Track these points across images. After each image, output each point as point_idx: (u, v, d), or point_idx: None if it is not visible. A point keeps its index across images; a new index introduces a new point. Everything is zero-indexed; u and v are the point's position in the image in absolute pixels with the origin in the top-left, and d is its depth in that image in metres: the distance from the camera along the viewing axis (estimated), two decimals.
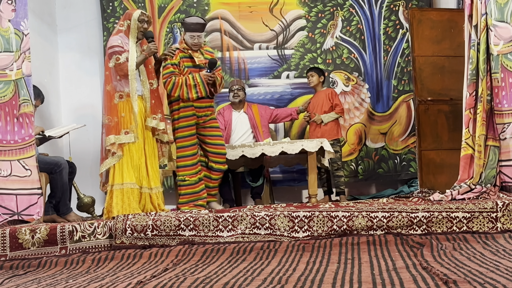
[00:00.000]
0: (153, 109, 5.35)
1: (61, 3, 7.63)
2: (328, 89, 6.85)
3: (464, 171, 5.06)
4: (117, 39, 5.26)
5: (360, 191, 7.53)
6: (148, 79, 5.37)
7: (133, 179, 5.14)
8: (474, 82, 5.02)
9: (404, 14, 7.50)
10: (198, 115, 5.61)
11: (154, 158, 5.37)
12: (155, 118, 5.34)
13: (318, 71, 6.83)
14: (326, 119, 6.68)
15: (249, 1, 7.65)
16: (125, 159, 5.15)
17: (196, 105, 5.59)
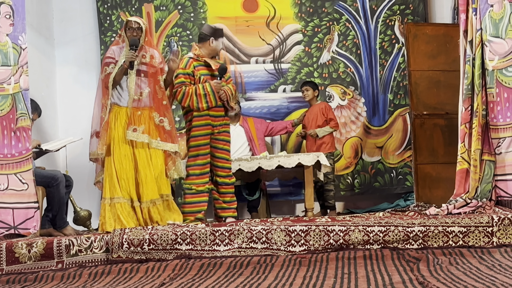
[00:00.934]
0: (135, 120, 5.19)
1: (59, 17, 7.66)
2: (322, 103, 6.90)
3: (460, 186, 5.08)
4: (110, 50, 5.28)
5: (357, 204, 7.54)
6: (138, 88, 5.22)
7: (120, 193, 5.09)
8: (470, 97, 5.05)
9: (400, 29, 7.54)
10: (214, 124, 5.53)
11: (150, 169, 5.21)
12: (136, 130, 5.18)
13: (312, 85, 6.88)
14: (321, 133, 6.72)
15: (246, 15, 7.69)
16: (113, 172, 5.12)
17: (211, 114, 5.51)
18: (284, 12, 7.67)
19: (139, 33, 5.20)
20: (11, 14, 4.98)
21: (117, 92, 5.25)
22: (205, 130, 5.49)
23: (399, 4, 7.59)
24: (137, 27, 5.19)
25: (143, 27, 5.22)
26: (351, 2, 7.62)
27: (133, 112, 5.19)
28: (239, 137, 6.86)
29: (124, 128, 5.17)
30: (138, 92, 5.21)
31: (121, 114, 5.22)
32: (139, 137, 5.17)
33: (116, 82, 5.20)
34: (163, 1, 7.65)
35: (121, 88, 5.26)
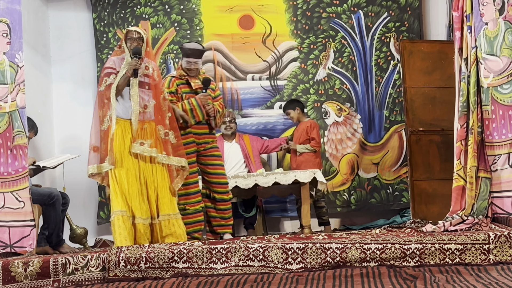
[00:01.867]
0: (142, 133, 5.08)
1: (55, 35, 7.68)
2: (309, 121, 6.94)
3: (456, 203, 5.09)
4: (110, 61, 5.20)
5: (353, 221, 7.54)
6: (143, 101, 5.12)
7: (121, 207, 4.94)
8: (465, 114, 5.07)
9: (395, 45, 7.59)
10: (198, 142, 5.55)
11: (153, 185, 5.10)
12: (143, 143, 5.06)
13: (292, 106, 6.92)
14: (299, 149, 6.76)
15: (242, 32, 7.73)
16: (115, 186, 4.99)
17: (194, 132, 5.53)
18: (280, 29, 7.70)
19: (140, 43, 5.11)
20: (8, 33, 5.00)
21: (120, 105, 5.10)
22: (189, 149, 5.47)
23: (394, 21, 7.63)
24: (138, 36, 5.10)
25: (144, 37, 5.14)
26: (346, 19, 7.66)
27: (139, 125, 5.07)
28: (235, 154, 6.88)
29: (128, 141, 5.05)
30: (143, 104, 5.10)
31: (125, 127, 5.08)
32: (147, 151, 5.05)
33: (119, 92, 5.07)
34: (160, 18, 7.69)
35: (123, 100, 5.11)
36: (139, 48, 5.07)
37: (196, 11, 7.71)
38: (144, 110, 5.09)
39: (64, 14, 7.73)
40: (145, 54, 5.17)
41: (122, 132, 5.05)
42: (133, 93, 5.06)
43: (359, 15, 7.67)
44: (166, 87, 5.51)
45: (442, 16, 7.52)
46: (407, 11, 7.62)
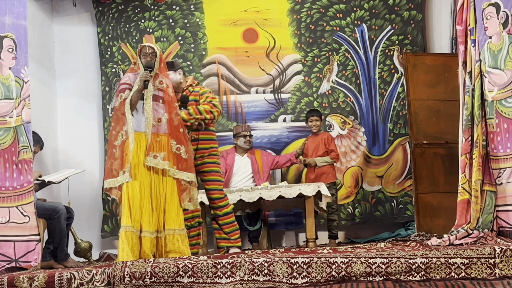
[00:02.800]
0: (155, 146, 5.00)
1: (60, 49, 7.73)
2: (325, 134, 6.92)
3: (461, 216, 5.08)
4: (125, 77, 5.16)
5: (357, 234, 7.53)
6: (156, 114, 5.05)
7: (127, 222, 4.89)
8: (470, 128, 5.07)
9: (399, 58, 7.60)
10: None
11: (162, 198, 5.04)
12: (156, 156, 4.99)
13: (319, 114, 6.91)
14: (320, 162, 6.74)
15: (246, 46, 7.76)
16: (126, 200, 4.93)
17: None
18: (284, 43, 7.73)
19: (154, 58, 5.09)
20: (14, 48, 5.03)
21: (134, 118, 5.04)
22: None
23: (398, 34, 7.65)
24: (151, 52, 5.09)
25: (157, 52, 5.11)
26: (350, 32, 7.68)
27: (152, 138, 5.01)
28: (245, 168, 6.90)
29: (142, 154, 5.00)
30: (156, 118, 5.04)
31: (139, 140, 5.01)
32: (160, 164, 4.98)
33: (133, 105, 5.01)
34: (164, 32, 7.72)
35: (137, 114, 5.06)
36: (151, 63, 5.05)
37: (200, 25, 7.75)
38: (158, 123, 5.04)
39: (68, 28, 7.78)
40: (159, 69, 5.14)
41: (136, 145, 5.00)
42: (146, 107, 5.03)
43: (362, 29, 7.69)
44: None
45: (445, 29, 7.54)
46: (410, 24, 7.64)
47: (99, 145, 7.54)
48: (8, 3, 5.04)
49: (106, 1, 7.69)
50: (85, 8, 7.80)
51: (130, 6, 7.73)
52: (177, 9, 7.75)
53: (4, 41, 4.98)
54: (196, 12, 7.75)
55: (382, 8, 7.67)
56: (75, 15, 7.81)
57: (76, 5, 7.70)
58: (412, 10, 7.65)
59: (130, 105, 5.00)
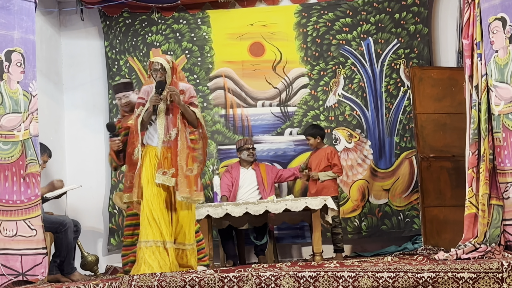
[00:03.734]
0: (164, 163, 4.93)
1: (67, 63, 7.78)
2: (329, 148, 6.92)
3: (468, 230, 5.06)
4: (142, 91, 5.13)
5: (364, 247, 7.51)
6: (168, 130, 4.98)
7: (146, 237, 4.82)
8: (476, 142, 5.07)
9: (405, 72, 7.61)
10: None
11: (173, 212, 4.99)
12: (165, 173, 4.91)
13: (312, 132, 6.90)
14: (322, 176, 6.74)
15: (252, 59, 7.78)
16: (144, 214, 4.88)
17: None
18: (290, 56, 7.76)
19: (164, 74, 4.95)
20: (22, 62, 5.06)
21: (149, 132, 5.05)
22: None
23: (404, 48, 7.66)
24: (160, 68, 4.95)
25: (165, 67, 4.95)
26: (356, 46, 7.71)
27: (163, 153, 4.94)
28: (250, 181, 6.91)
29: (154, 168, 4.94)
30: (168, 134, 4.96)
31: (152, 154, 4.97)
32: (167, 180, 4.90)
33: (144, 125, 4.99)
34: (171, 46, 7.76)
35: (153, 127, 5.03)
36: (162, 83, 4.94)
37: (207, 39, 7.78)
38: (169, 138, 4.96)
39: (76, 42, 7.83)
40: (172, 83, 5.00)
41: (150, 159, 4.97)
42: (158, 122, 4.97)
43: (368, 42, 7.71)
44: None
45: (451, 43, 7.55)
46: (416, 38, 7.65)
47: (106, 158, 7.54)
48: (17, 18, 5.08)
49: (113, 15, 7.74)
50: (92, 22, 7.86)
51: (137, 20, 7.78)
52: (184, 23, 7.80)
53: (12, 55, 5.02)
54: (203, 26, 7.79)
55: (388, 22, 7.69)
56: (82, 29, 7.86)
57: (83, 19, 7.76)
58: (418, 24, 7.67)
59: (141, 125, 4.97)
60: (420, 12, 7.66)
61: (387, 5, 7.70)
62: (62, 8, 7.76)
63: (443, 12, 7.70)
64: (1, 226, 4.82)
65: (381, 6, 7.71)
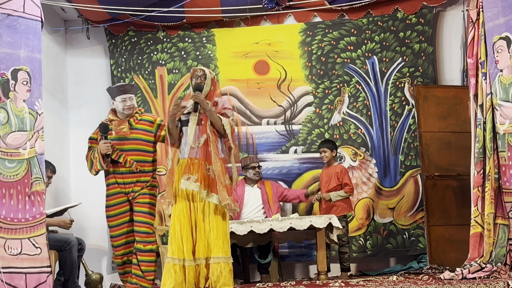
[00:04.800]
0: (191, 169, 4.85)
1: (73, 81, 7.81)
2: (339, 166, 6.87)
3: (474, 250, 5.05)
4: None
5: (369, 266, 7.47)
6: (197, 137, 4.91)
7: (173, 254, 4.75)
8: (482, 161, 5.07)
9: (410, 90, 7.60)
10: (125, 192, 5.29)
11: (204, 225, 4.81)
12: (189, 178, 4.82)
13: (330, 145, 6.87)
14: (334, 197, 6.70)
15: (257, 77, 7.80)
16: (170, 230, 4.84)
17: (119, 182, 5.29)
18: (295, 75, 7.76)
19: (204, 81, 4.97)
20: (28, 80, 5.09)
21: (181, 146, 5.03)
22: (116, 199, 5.30)
23: (409, 66, 7.67)
24: (201, 74, 4.99)
25: (208, 75, 5.00)
26: (361, 64, 7.72)
27: (190, 160, 4.88)
28: (255, 199, 6.88)
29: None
30: (197, 141, 4.91)
31: (181, 166, 4.94)
32: (190, 185, 4.82)
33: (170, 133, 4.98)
34: (176, 64, 7.79)
35: (183, 140, 5.02)
36: (200, 84, 4.94)
37: (212, 57, 7.81)
38: (198, 145, 4.91)
39: (82, 60, 7.87)
40: (209, 93, 5.00)
41: (179, 173, 4.94)
42: (189, 131, 4.92)
43: (373, 61, 7.72)
44: (93, 132, 5.46)
45: (456, 62, 7.56)
46: (421, 56, 7.66)
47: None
48: (23, 37, 5.11)
49: (119, 33, 7.78)
50: (98, 40, 7.90)
51: (142, 38, 7.82)
52: (189, 41, 7.83)
53: (19, 74, 5.05)
54: (208, 44, 7.82)
55: (393, 41, 7.70)
56: (88, 48, 7.90)
57: (89, 37, 7.81)
58: (423, 43, 7.67)
59: (168, 133, 4.99)
60: (424, 31, 7.67)
61: (392, 24, 7.71)
62: (68, 26, 7.82)
63: (448, 31, 7.71)
64: (6, 244, 4.82)
65: (385, 25, 7.72)
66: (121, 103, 5.35)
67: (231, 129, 5.02)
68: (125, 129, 5.31)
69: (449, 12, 7.71)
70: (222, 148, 5.04)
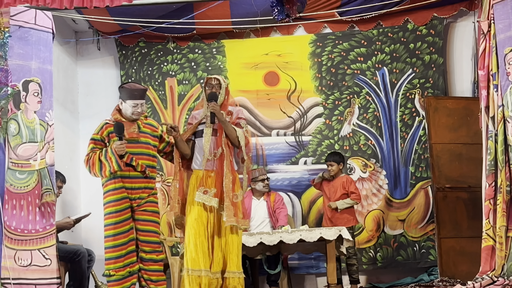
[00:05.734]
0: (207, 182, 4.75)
1: (83, 91, 7.85)
2: (344, 177, 6.86)
3: (486, 263, 5.01)
4: (191, 116, 5.06)
5: (379, 279, 7.42)
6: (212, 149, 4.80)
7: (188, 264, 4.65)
8: (493, 173, 5.04)
9: (420, 102, 7.58)
10: (131, 197, 4.91)
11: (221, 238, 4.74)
12: (206, 192, 4.70)
13: (337, 159, 6.86)
14: (340, 205, 6.68)
15: (267, 88, 7.80)
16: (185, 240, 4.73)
17: (127, 186, 4.89)
18: (305, 86, 7.76)
19: (218, 90, 4.88)
20: (39, 92, 5.12)
21: (195, 156, 4.90)
22: (119, 206, 4.87)
23: (419, 78, 7.64)
24: (216, 83, 4.89)
25: (222, 84, 4.91)
26: (371, 75, 7.70)
27: (206, 173, 4.77)
28: (262, 212, 6.86)
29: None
30: (213, 153, 4.79)
31: (197, 177, 4.82)
32: (208, 200, 4.69)
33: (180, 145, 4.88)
34: (186, 75, 7.80)
35: (197, 150, 4.90)
36: (215, 93, 4.85)
37: (221, 68, 7.82)
38: (214, 158, 4.80)
39: (92, 71, 7.91)
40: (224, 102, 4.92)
41: (193, 184, 4.83)
42: (205, 140, 4.80)
43: (383, 72, 7.70)
44: (95, 133, 5.02)
45: (467, 73, 7.53)
46: (431, 67, 7.64)
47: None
48: (35, 48, 5.15)
49: (129, 44, 7.81)
50: (109, 51, 7.93)
51: (153, 49, 7.84)
52: (199, 53, 7.85)
53: (30, 85, 5.08)
54: (218, 56, 7.84)
55: (403, 52, 7.69)
56: (99, 59, 7.94)
57: (100, 48, 7.85)
58: (433, 54, 7.65)
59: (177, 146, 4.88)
60: (435, 42, 7.64)
61: (402, 35, 7.70)
62: (79, 38, 7.86)
63: (458, 42, 7.69)
64: (16, 255, 4.83)
65: (395, 36, 7.70)
66: (131, 108, 4.96)
67: (246, 140, 4.88)
68: (136, 131, 4.99)
69: (460, 24, 7.69)
70: (236, 159, 4.93)
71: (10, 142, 4.97)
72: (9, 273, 4.78)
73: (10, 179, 4.93)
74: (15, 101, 5.03)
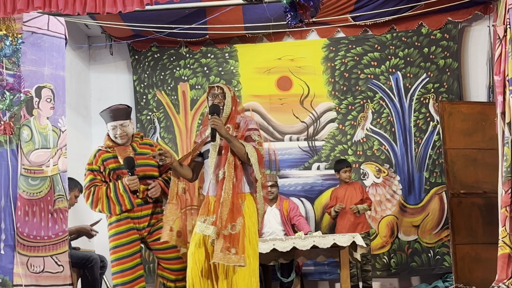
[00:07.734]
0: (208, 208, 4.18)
1: (96, 96, 7.86)
2: (358, 183, 6.91)
3: (502, 271, 4.96)
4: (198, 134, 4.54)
5: (393, 285, 7.37)
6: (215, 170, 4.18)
7: None
8: (509, 180, 4.99)
9: (435, 107, 7.51)
10: (139, 227, 4.65)
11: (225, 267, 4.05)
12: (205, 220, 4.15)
13: (349, 163, 6.90)
14: (361, 209, 6.68)
15: (280, 93, 7.77)
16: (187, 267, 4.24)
17: (132, 216, 4.62)
18: (318, 90, 7.72)
19: (223, 100, 4.21)
20: (52, 98, 5.12)
21: (206, 178, 4.31)
22: (128, 237, 4.60)
23: (433, 82, 7.58)
24: (219, 93, 4.22)
25: (227, 93, 4.24)
26: (384, 80, 7.65)
27: (212, 198, 4.20)
28: (274, 220, 6.81)
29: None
30: (215, 174, 4.18)
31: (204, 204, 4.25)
32: (205, 229, 4.12)
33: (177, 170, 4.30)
34: (198, 80, 7.79)
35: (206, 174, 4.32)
36: (217, 106, 4.17)
37: (234, 73, 7.80)
38: (216, 181, 4.19)
39: (105, 76, 7.93)
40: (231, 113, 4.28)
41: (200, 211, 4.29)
42: (210, 163, 4.22)
43: (397, 76, 7.65)
44: (90, 162, 4.74)
45: (482, 77, 7.46)
46: (446, 72, 7.57)
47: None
48: (48, 54, 5.15)
49: (142, 49, 7.82)
50: (121, 56, 7.95)
51: (165, 54, 7.84)
52: (212, 57, 7.83)
53: (42, 91, 5.08)
54: (230, 60, 7.82)
55: (417, 56, 7.62)
56: (111, 63, 7.96)
57: (113, 53, 7.86)
58: (448, 58, 7.58)
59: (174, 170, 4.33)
60: (449, 46, 7.58)
61: (416, 39, 7.63)
62: (92, 43, 7.88)
63: (473, 46, 7.61)
64: (29, 262, 4.83)
65: (409, 41, 7.64)
66: (112, 131, 4.74)
67: (258, 156, 4.19)
68: (132, 155, 4.65)
69: (475, 28, 7.61)
70: (247, 180, 4.26)
71: (22, 148, 4.97)
72: (21, 279, 4.78)
73: (23, 186, 4.92)
74: (28, 107, 5.03)
